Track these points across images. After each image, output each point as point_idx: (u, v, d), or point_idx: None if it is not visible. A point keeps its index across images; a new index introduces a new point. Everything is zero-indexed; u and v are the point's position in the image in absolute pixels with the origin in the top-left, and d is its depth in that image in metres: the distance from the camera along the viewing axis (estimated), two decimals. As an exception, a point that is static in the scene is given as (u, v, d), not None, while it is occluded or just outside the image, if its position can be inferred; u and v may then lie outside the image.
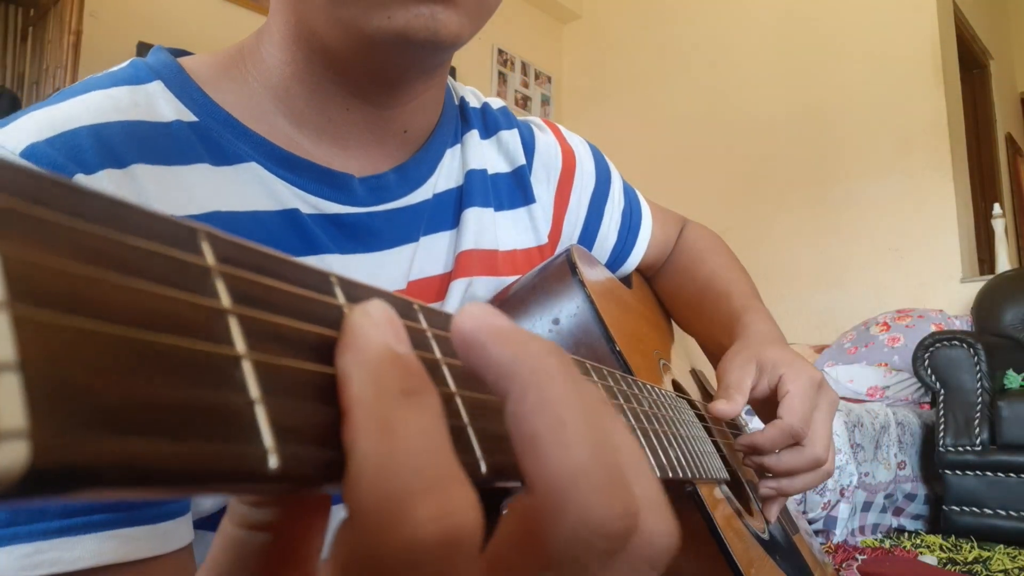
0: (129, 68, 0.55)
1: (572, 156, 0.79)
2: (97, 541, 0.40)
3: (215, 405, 0.14)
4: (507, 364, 0.20)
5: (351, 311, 0.19)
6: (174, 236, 0.15)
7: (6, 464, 0.10)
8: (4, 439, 0.10)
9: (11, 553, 0.39)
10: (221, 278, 0.16)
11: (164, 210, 0.15)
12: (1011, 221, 5.06)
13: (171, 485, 0.13)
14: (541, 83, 5.16)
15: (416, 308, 0.24)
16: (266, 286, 0.17)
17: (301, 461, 0.16)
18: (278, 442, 0.15)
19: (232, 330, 0.15)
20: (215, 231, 0.16)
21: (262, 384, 0.15)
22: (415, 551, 0.16)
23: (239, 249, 0.17)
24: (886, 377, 3.13)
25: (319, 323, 0.19)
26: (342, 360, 0.18)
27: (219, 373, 0.14)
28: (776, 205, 4.13)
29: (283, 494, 0.19)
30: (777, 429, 0.64)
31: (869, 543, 2.49)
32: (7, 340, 0.11)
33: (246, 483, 0.15)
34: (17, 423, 0.10)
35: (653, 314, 0.86)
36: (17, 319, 0.11)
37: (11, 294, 0.11)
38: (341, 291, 0.20)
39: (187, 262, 0.15)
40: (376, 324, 0.19)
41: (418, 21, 0.48)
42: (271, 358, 0.16)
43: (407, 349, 0.19)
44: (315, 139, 0.57)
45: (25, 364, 0.11)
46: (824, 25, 4.08)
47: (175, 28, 3.25)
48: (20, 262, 0.11)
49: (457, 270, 0.63)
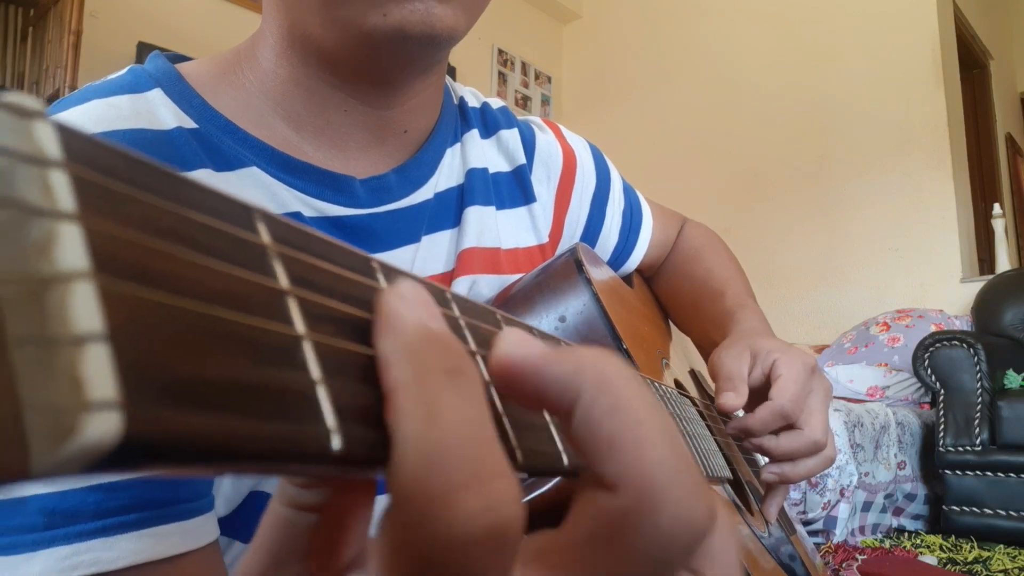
0: (128, 75, 0.55)
1: (573, 156, 0.79)
2: (133, 540, 0.41)
3: (281, 384, 0.14)
4: (571, 376, 0.20)
5: (383, 293, 0.19)
6: (232, 213, 0.15)
7: (100, 435, 0.10)
8: (98, 409, 0.10)
9: (51, 556, 0.39)
10: (279, 259, 0.16)
11: None
12: (1011, 221, 5.07)
13: (243, 462, 0.13)
14: (541, 83, 5.16)
15: (449, 296, 0.24)
16: (317, 267, 0.17)
17: (361, 443, 0.16)
18: (340, 423, 0.15)
19: (291, 310, 0.15)
20: (267, 211, 0.16)
21: (322, 364, 0.15)
22: (462, 544, 0.16)
23: (291, 230, 0.17)
24: (886, 377, 3.13)
25: (364, 306, 0.19)
26: (380, 342, 0.18)
27: (283, 353, 0.14)
28: (776, 205, 4.13)
29: (343, 476, 0.19)
30: (767, 410, 0.63)
31: (869, 543, 2.49)
32: (95, 311, 0.11)
33: (311, 463, 0.15)
34: (109, 394, 0.10)
35: (653, 314, 0.87)
36: (104, 290, 0.11)
37: (96, 265, 0.11)
38: (382, 275, 0.20)
39: (246, 240, 0.15)
40: (409, 304, 0.19)
41: (414, 16, 0.48)
42: (328, 339, 0.16)
43: (442, 327, 0.19)
44: (315, 142, 0.57)
45: (113, 335, 0.11)
46: (824, 25, 4.09)
47: (175, 28, 3.25)
48: (102, 234, 0.11)
49: (459, 268, 0.63)
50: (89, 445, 0.10)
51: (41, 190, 0.11)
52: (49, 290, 0.10)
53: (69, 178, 0.11)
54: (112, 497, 0.41)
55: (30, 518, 0.40)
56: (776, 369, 0.66)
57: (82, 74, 2.70)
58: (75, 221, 0.11)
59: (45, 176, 0.11)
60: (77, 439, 0.10)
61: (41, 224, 0.11)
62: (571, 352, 0.20)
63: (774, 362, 0.67)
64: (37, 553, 0.39)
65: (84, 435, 0.10)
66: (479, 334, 0.24)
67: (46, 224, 0.11)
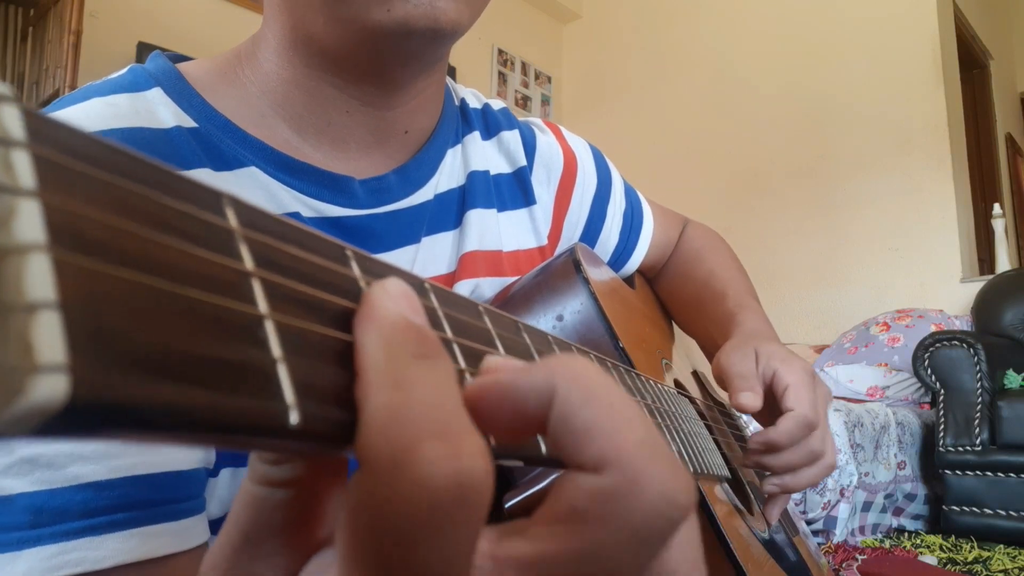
0: (128, 75, 0.55)
1: (573, 158, 0.79)
2: (120, 540, 0.41)
3: (242, 360, 0.14)
4: (544, 382, 0.20)
5: (370, 286, 0.20)
6: (200, 198, 0.16)
7: (47, 396, 0.11)
8: (45, 372, 0.11)
9: (37, 555, 0.39)
10: (244, 242, 0.16)
11: None
12: (1011, 221, 5.07)
13: (199, 433, 0.13)
14: (541, 83, 5.17)
15: (428, 287, 0.24)
16: (286, 252, 0.18)
17: (320, 419, 0.16)
18: (299, 399, 0.16)
19: (255, 291, 0.16)
20: (237, 196, 0.17)
21: (284, 344, 0.16)
22: (427, 494, 0.16)
23: (260, 216, 0.17)
24: (886, 377, 3.13)
25: (335, 292, 0.19)
26: (360, 330, 0.18)
27: (244, 330, 0.15)
28: (776, 205, 4.13)
29: (302, 452, 0.20)
30: (792, 421, 0.62)
31: (869, 543, 2.49)
32: (48, 281, 0.11)
33: (269, 437, 0.15)
34: (57, 358, 0.11)
35: (655, 314, 0.87)
36: (57, 262, 0.11)
37: (52, 238, 0.11)
38: (356, 264, 0.21)
39: (213, 224, 0.15)
40: (394, 298, 0.19)
41: (417, 11, 0.48)
42: (292, 320, 0.16)
43: (423, 321, 0.20)
44: (316, 142, 0.57)
45: (64, 304, 0.11)
46: (824, 25, 4.09)
47: (175, 28, 3.25)
48: (60, 210, 0.12)
49: (461, 271, 0.63)
50: (37, 405, 0.11)
51: (3, 168, 0.11)
52: (5, 260, 0.11)
53: (31, 157, 0.12)
54: (100, 496, 0.41)
55: (16, 516, 0.39)
56: (781, 378, 0.65)
57: (82, 74, 2.71)
58: (34, 197, 0.12)
59: (7, 155, 0.12)
60: (25, 398, 0.11)
61: (1, 200, 0.11)
62: (540, 362, 0.21)
63: (775, 371, 0.66)
64: (23, 552, 0.39)
65: (32, 395, 0.11)
66: (456, 323, 0.25)
67: (5, 200, 0.11)
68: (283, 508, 0.22)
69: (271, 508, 0.22)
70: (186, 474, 0.45)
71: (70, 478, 0.40)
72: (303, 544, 0.22)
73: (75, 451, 0.41)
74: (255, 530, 0.22)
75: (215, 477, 0.49)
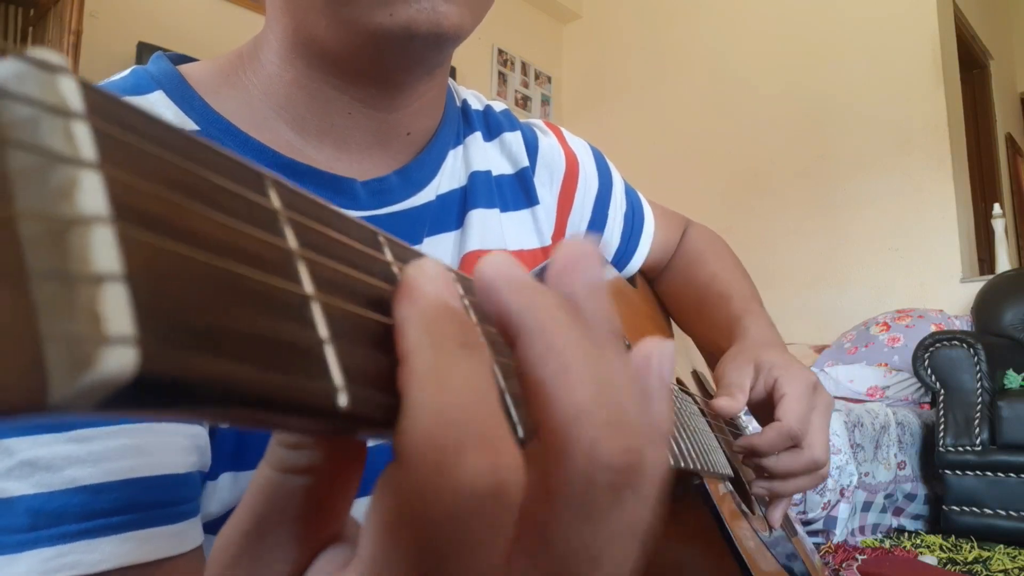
0: (131, 77, 0.55)
1: (575, 159, 0.79)
2: (116, 543, 0.41)
3: (291, 340, 0.14)
4: (516, 313, 0.20)
5: (408, 266, 0.20)
6: (244, 177, 0.15)
7: (117, 369, 0.10)
8: (115, 343, 0.10)
9: (34, 557, 0.39)
10: (288, 223, 0.16)
11: None
12: (1011, 221, 5.08)
13: (255, 410, 0.13)
14: (541, 83, 5.17)
15: (454, 276, 0.25)
16: (326, 235, 0.18)
17: (366, 402, 0.16)
18: (347, 381, 0.16)
19: (300, 271, 0.16)
20: (278, 177, 0.17)
21: (330, 325, 0.16)
22: (467, 502, 0.16)
23: (300, 197, 0.18)
24: (886, 377, 3.13)
25: (372, 275, 0.19)
26: (400, 310, 0.19)
27: (293, 310, 0.15)
28: (776, 205, 4.14)
29: (348, 434, 0.20)
30: (775, 431, 0.63)
31: (869, 543, 2.50)
32: (114, 253, 0.11)
33: (318, 418, 0.15)
34: (126, 330, 0.11)
35: (656, 314, 0.87)
36: (122, 235, 0.11)
37: (116, 212, 0.11)
38: (388, 249, 0.21)
39: (258, 203, 0.15)
40: (431, 279, 0.19)
41: (421, 15, 0.48)
42: (336, 300, 0.16)
43: (458, 304, 0.20)
44: (318, 144, 0.57)
45: (131, 276, 0.11)
46: (824, 25, 4.09)
47: (175, 28, 3.25)
48: (121, 183, 0.12)
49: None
50: (106, 377, 0.11)
51: (64, 139, 0.11)
52: (70, 231, 0.11)
53: (91, 129, 0.12)
54: (98, 499, 0.41)
55: (17, 519, 0.39)
56: (779, 387, 0.66)
57: (82, 74, 2.70)
58: (96, 169, 0.11)
59: (68, 126, 0.12)
60: (95, 370, 0.10)
61: (64, 170, 0.11)
62: (529, 289, 0.21)
63: (776, 380, 0.67)
64: (21, 554, 0.39)
65: (102, 367, 0.10)
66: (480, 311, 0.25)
67: (69, 171, 0.11)
68: (298, 495, 0.22)
69: (286, 494, 0.22)
70: (182, 477, 0.45)
71: (67, 481, 0.40)
72: (313, 536, 0.22)
73: (72, 454, 0.41)
74: (267, 516, 0.22)
75: (214, 481, 0.49)
